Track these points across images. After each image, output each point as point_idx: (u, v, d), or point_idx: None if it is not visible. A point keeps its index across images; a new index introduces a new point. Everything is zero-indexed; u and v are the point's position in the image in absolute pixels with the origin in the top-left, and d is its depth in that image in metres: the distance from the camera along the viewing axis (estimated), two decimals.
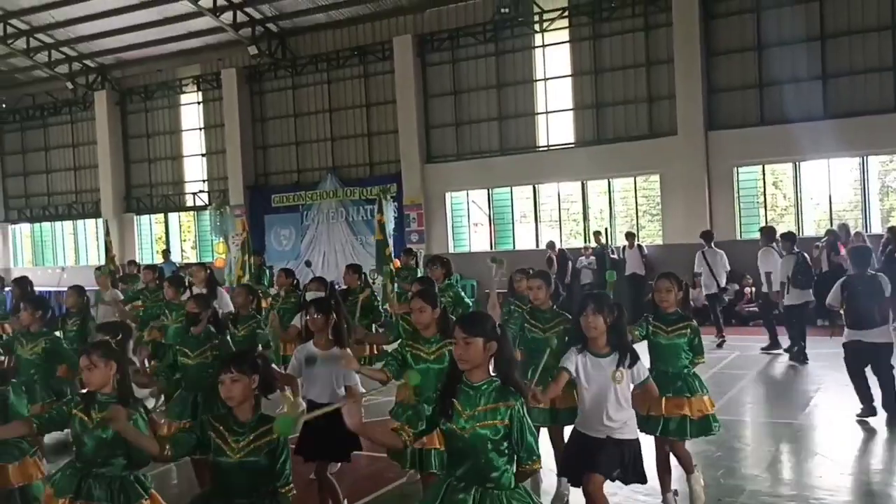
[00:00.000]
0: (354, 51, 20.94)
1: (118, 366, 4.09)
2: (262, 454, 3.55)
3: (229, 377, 3.61)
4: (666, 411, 5.17)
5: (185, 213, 24.68)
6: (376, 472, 6.50)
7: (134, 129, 25.04)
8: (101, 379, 4.05)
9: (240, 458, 3.54)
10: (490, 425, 3.32)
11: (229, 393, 3.61)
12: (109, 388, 4.06)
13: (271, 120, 22.56)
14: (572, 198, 19.04)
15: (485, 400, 3.37)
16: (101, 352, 4.10)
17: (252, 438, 3.57)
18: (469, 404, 3.37)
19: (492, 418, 3.33)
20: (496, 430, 3.32)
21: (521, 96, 19.11)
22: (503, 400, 3.36)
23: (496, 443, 3.33)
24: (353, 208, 21.03)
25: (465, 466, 3.37)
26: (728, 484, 6.14)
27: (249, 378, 3.63)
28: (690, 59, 16.72)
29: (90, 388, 4.09)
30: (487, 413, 3.34)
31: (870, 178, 16.08)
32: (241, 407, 3.64)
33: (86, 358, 4.07)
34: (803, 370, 11.05)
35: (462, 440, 3.36)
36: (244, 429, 3.60)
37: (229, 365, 3.66)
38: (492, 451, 3.33)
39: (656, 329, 5.37)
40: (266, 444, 3.56)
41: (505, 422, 3.33)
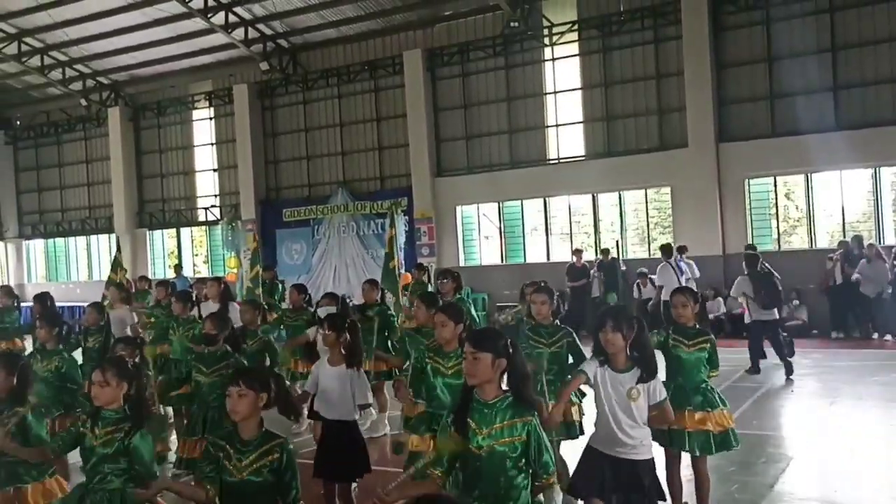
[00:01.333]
0: (365, 65, 21.05)
1: (130, 385, 4.10)
2: (267, 472, 3.51)
3: (237, 391, 3.58)
4: (689, 426, 5.14)
5: (198, 228, 24.81)
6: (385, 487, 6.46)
7: (147, 145, 25.23)
8: (111, 397, 4.07)
9: (243, 477, 3.50)
10: (508, 442, 3.29)
11: (235, 407, 3.58)
12: (117, 405, 4.08)
13: (282, 135, 22.68)
14: (583, 210, 19.02)
15: (501, 417, 3.33)
16: (116, 370, 4.11)
17: (256, 457, 3.53)
18: (485, 422, 3.34)
19: (509, 435, 3.30)
20: (514, 447, 3.29)
21: (531, 109, 19.14)
22: (519, 416, 3.33)
23: (515, 460, 3.30)
24: (364, 222, 21.07)
25: (483, 486, 3.32)
26: (742, 499, 6.09)
27: (257, 395, 3.59)
28: (700, 72, 16.71)
29: (98, 403, 4.10)
30: (505, 430, 3.31)
31: (883, 190, 15.99)
32: (245, 424, 3.60)
33: (100, 373, 4.09)
34: (817, 384, 10.95)
35: (479, 459, 3.31)
36: (248, 447, 3.56)
37: (238, 379, 3.63)
38: (511, 469, 3.29)
39: (676, 343, 5.35)
40: (270, 462, 3.52)
41: (522, 437, 3.30)
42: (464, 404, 3.43)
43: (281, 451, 3.56)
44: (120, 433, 3.99)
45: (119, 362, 4.30)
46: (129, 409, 4.08)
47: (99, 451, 3.98)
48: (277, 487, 3.55)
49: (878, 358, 12.39)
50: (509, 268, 18.83)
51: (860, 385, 10.46)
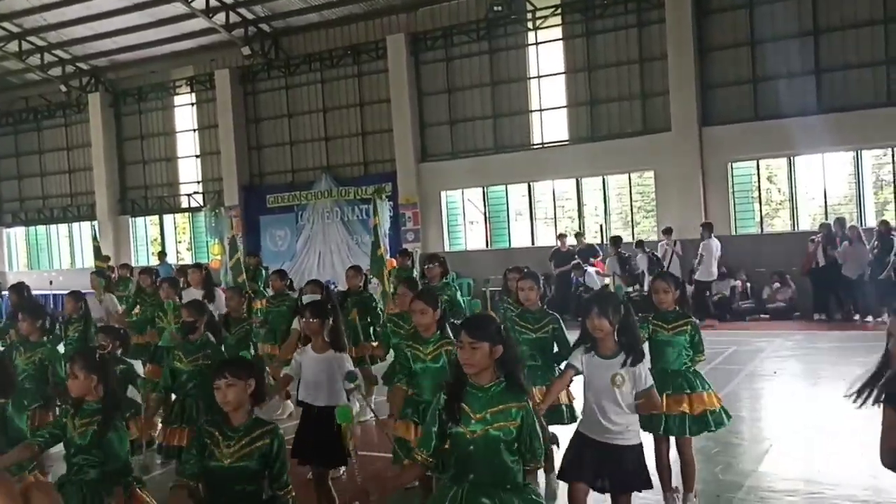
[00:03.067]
0: (348, 50, 20.92)
1: (99, 377, 4.11)
2: (254, 459, 3.51)
3: (224, 382, 3.57)
4: (666, 409, 5.17)
5: (181, 215, 24.64)
6: (375, 473, 6.49)
7: (128, 131, 24.99)
8: (81, 389, 4.10)
9: (230, 464, 3.50)
10: (503, 427, 3.31)
11: (225, 398, 3.57)
12: (93, 396, 4.10)
13: (265, 120, 22.53)
14: (567, 195, 19.05)
15: (495, 401, 3.35)
16: (82, 364, 4.13)
17: (245, 443, 3.53)
18: (479, 406, 3.35)
19: (504, 419, 3.32)
20: (509, 431, 3.31)
21: (515, 94, 19.11)
22: (514, 400, 3.35)
23: (509, 444, 3.32)
24: (348, 208, 21.01)
25: (478, 470, 3.33)
26: (726, 480, 6.16)
27: (245, 382, 3.59)
28: (684, 56, 16.73)
29: (72, 394, 4.15)
30: (499, 414, 3.33)
31: (864, 172, 16.12)
32: (235, 412, 3.60)
33: (69, 366, 4.16)
34: (800, 365, 11.07)
35: (473, 443, 3.32)
36: (236, 433, 3.55)
37: (224, 370, 3.62)
38: (505, 452, 3.31)
39: (657, 327, 5.38)
40: (258, 448, 3.52)
41: (517, 422, 3.32)
42: (457, 389, 3.44)
43: (271, 438, 3.56)
44: (94, 425, 4.01)
45: (86, 354, 4.31)
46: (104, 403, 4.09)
47: (76, 441, 4.01)
48: (265, 474, 3.55)
49: (859, 339, 12.52)
50: (494, 253, 18.86)
51: (842, 366, 10.56)
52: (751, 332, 13.78)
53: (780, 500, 5.76)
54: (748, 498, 5.78)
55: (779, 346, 12.30)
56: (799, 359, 11.46)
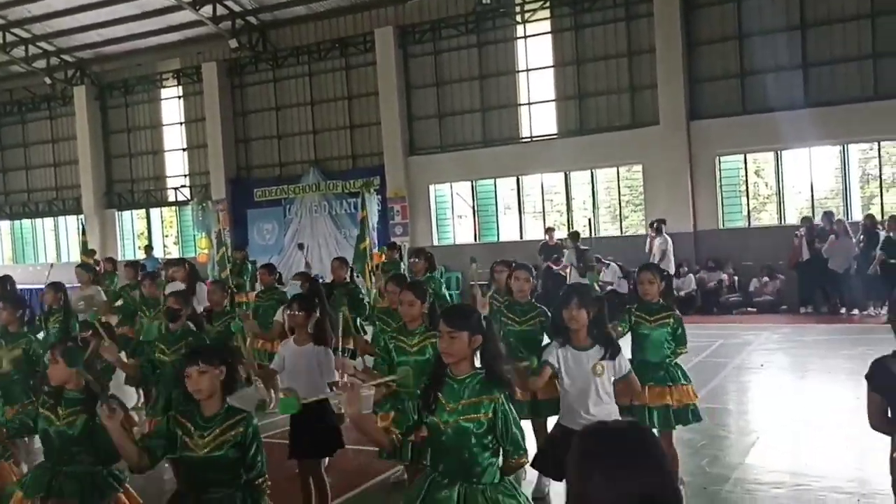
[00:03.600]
0: (336, 43, 20.82)
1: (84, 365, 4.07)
2: (229, 447, 3.47)
3: (196, 370, 3.52)
4: (649, 401, 5.17)
5: (168, 209, 24.52)
6: (362, 466, 6.48)
7: (114, 124, 24.82)
8: (63, 376, 4.04)
9: (205, 454, 3.46)
10: (473, 419, 3.28)
11: (197, 386, 3.52)
12: (74, 384, 4.04)
13: (253, 113, 22.42)
14: (556, 189, 19.05)
15: (468, 393, 3.33)
16: (62, 350, 4.08)
17: (218, 433, 3.49)
18: (453, 398, 3.33)
19: (475, 412, 3.29)
20: (479, 423, 3.28)
21: (503, 87, 19.08)
22: (487, 393, 3.32)
23: (480, 436, 3.29)
24: (336, 202, 20.95)
25: (448, 461, 3.33)
26: (713, 472, 6.17)
27: (217, 370, 3.54)
28: (672, 49, 16.74)
29: (52, 382, 4.08)
30: (471, 406, 3.30)
31: (850, 166, 16.19)
32: (208, 401, 3.55)
33: (49, 353, 4.09)
34: (787, 358, 11.11)
35: (445, 434, 3.32)
36: (210, 423, 3.51)
37: (196, 357, 3.57)
38: (476, 446, 3.29)
39: (639, 319, 5.37)
40: (233, 437, 3.48)
41: (489, 415, 3.29)
42: (436, 379, 3.42)
43: (245, 426, 3.52)
44: (84, 414, 3.95)
45: (68, 341, 4.28)
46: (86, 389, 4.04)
47: (63, 431, 3.95)
48: (241, 463, 3.51)
49: (845, 332, 12.60)
50: (483, 247, 18.82)
51: (829, 359, 10.63)
52: (738, 326, 13.83)
53: (766, 492, 5.77)
54: (735, 490, 5.79)
55: (766, 340, 12.36)
56: (786, 352, 11.51)
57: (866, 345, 11.15)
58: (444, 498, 3.27)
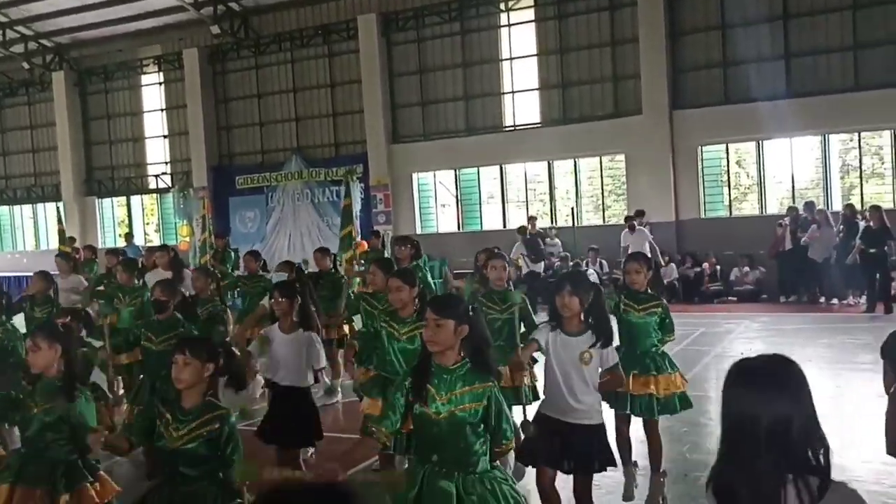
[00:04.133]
0: (318, 30, 20.68)
1: (64, 350, 4.00)
2: (201, 442, 3.44)
3: (182, 359, 3.50)
4: (633, 389, 5.17)
5: (148, 196, 24.31)
6: (344, 453, 6.48)
7: (94, 111, 24.54)
8: (45, 362, 3.97)
9: (178, 446, 3.44)
10: (468, 408, 3.28)
11: (179, 375, 3.50)
12: (54, 371, 3.98)
13: (234, 100, 22.25)
14: (539, 178, 19.06)
15: (461, 382, 3.31)
16: (46, 334, 4.02)
17: (194, 426, 3.46)
18: (445, 388, 3.31)
19: (470, 401, 3.29)
20: (474, 412, 3.28)
21: (487, 76, 19.04)
22: (480, 381, 3.31)
23: (474, 426, 3.29)
24: (319, 190, 20.86)
25: (442, 452, 3.30)
26: (694, 459, 6.21)
27: (203, 365, 3.51)
28: (655, 39, 16.77)
29: (34, 369, 4.02)
30: (466, 396, 3.29)
31: (831, 157, 16.31)
32: (188, 392, 3.53)
33: (31, 340, 4.02)
34: (767, 347, 11.20)
35: (438, 425, 3.29)
36: (187, 416, 3.49)
37: (184, 347, 3.55)
38: (471, 435, 3.28)
39: (628, 307, 5.36)
40: (207, 432, 3.45)
41: (483, 403, 3.29)
42: (422, 370, 3.40)
43: (221, 423, 3.48)
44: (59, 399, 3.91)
45: (50, 326, 4.21)
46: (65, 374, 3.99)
47: (40, 418, 3.90)
48: (215, 459, 3.48)
49: (825, 321, 12.73)
50: (466, 235, 18.83)
51: (808, 347, 10.73)
52: (719, 315, 13.93)
53: None
54: None
55: (746, 328, 12.46)
56: (765, 340, 11.60)
57: (845, 334, 11.30)
58: (444, 489, 3.24)
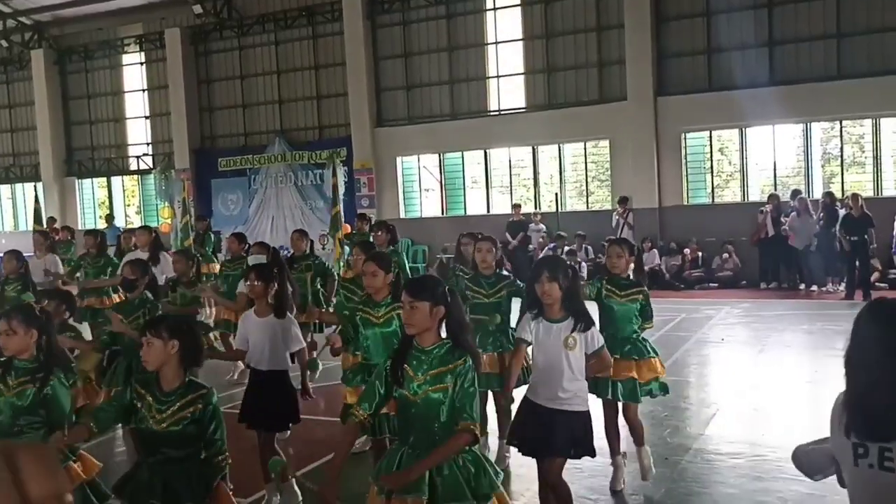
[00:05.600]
0: (303, 11, 20.50)
1: (40, 333, 3.94)
2: (186, 424, 3.42)
3: (145, 340, 3.50)
4: (615, 374, 5.19)
5: (129, 177, 24.10)
6: (327, 437, 6.48)
7: (74, 90, 24.24)
8: (19, 345, 3.90)
9: (163, 429, 3.42)
10: (442, 388, 3.27)
11: (145, 356, 3.51)
12: (28, 354, 3.91)
13: (217, 81, 22.05)
14: (523, 163, 19.06)
15: (437, 363, 3.32)
16: (22, 317, 3.93)
17: (177, 408, 3.43)
18: (420, 369, 3.32)
19: (442, 381, 3.28)
20: (447, 392, 3.27)
21: (472, 60, 18.97)
22: (452, 361, 3.31)
23: (448, 407, 3.28)
24: (302, 172, 20.75)
25: (417, 433, 3.32)
26: (674, 443, 6.28)
27: (166, 343, 3.47)
28: (640, 25, 16.75)
29: (7, 353, 3.94)
30: (438, 376, 3.29)
31: (813, 144, 16.42)
32: (164, 373, 3.50)
33: (5, 322, 3.90)
34: (747, 333, 11.30)
35: (415, 406, 3.30)
36: (169, 398, 3.46)
37: (145, 328, 3.56)
38: (445, 415, 3.27)
39: (609, 293, 5.36)
40: (191, 413, 3.43)
41: (456, 381, 3.28)
42: (402, 351, 3.41)
43: (204, 403, 3.47)
44: (35, 383, 3.84)
45: (24, 308, 4.12)
46: (41, 357, 3.92)
47: (12, 402, 3.82)
48: (199, 439, 3.47)
49: (804, 307, 12.86)
50: (450, 220, 18.81)
51: (787, 333, 10.85)
52: (700, 301, 14.03)
53: (724, 462, 5.89)
54: (695, 460, 5.90)
55: (726, 314, 12.56)
56: (745, 326, 11.71)
57: (824, 320, 11.42)
58: None
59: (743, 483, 5.49)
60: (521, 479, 5.45)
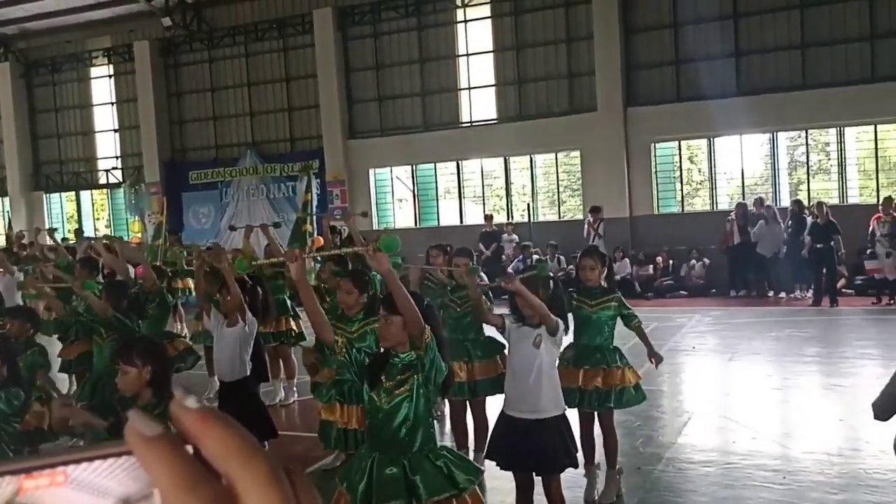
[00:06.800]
0: (273, 24, 20.46)
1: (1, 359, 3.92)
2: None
3: (120, 368, 3.47)
4: (583, 383, 5.24)
5: (98, 191, 23.83)
6: (301, 452, 6.45)
7: (41, 103, 23.96)
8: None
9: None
10: (406, 392, 3.33)
11: (121, 385, 3.48)
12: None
13: (187, 94, 21.91)
14: (495, 174, 19.15)
15: (405, 369, 3.38)
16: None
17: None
18: (391, 375, 3.39)
19: (405, 384, 3.35)
20: (409, 394, 3.34)
21: (443, 72, 19.04)
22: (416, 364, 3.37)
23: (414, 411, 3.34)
24: (275, 185, 20.65)
25: (385, 438, 3.37)
26: (647, 452, 6.33)
27: (140, 370, 3.43)
28: (609, 36, 16.94)
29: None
30: (404, 380, 3.35)
31: (779, 153, 16.68)
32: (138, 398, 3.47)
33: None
34: (717, 340, 11.43)
35: (381, 411, 3.36)
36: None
37: (118, 357, 3.50)
38: (410, 420, 3.33)
39: (580, 303, 5.41)
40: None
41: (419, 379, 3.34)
42: (380, 359, 3.47)
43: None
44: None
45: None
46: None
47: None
48: None
49: (773, 315, 13.03)
50: (423, 231, 18.82)
51: (757, 341, 10.98)
52: (671, 309, 14.15)
53: (696, 470, 5.95)
54: (667, 469, 5.95)
55: (697, 322, 12.69)
56: (716, 334, 11.84)
57: (792, 327, 11.59)
58: (392, 476, 3.29)
59: (715, 491, 5.55)
60: (495, 492, 5.46)
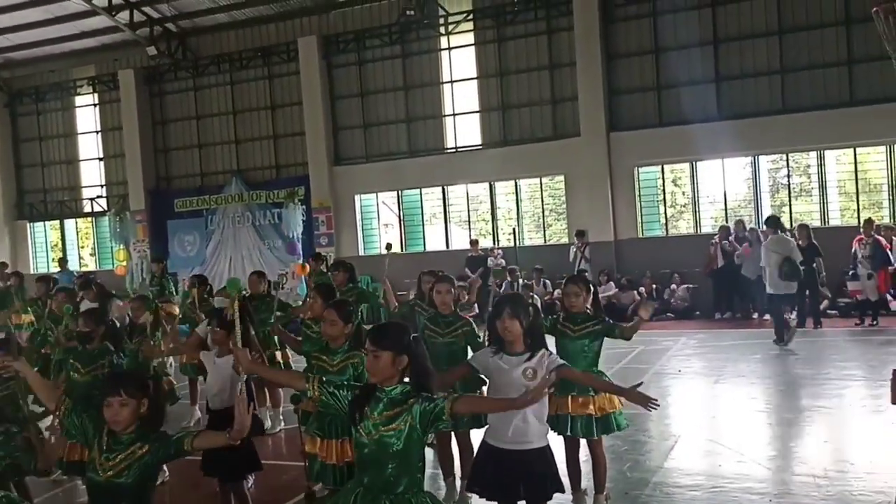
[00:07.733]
0: (258, 52, 20.57)
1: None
2: (131, 473, 3.33)
3: (118, 400, 3.38)
4: (572, 410, 5.25)
5: (83, 220, 23.73)
6: (287, 482, 6.42)
7: (25, 132, 23.90)
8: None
9: (107, 478, 3.33)
10: (394, 429, 3.29)
11: (116, 417, 3.38)
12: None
13: (172, 122, 21.93)
14: (480, 199, 19.24)
15: (391, 404, 3.34)
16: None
17: (123, 457, 3.35)
18: (377, 409, 3.35)
19: (394, 422, 3.30)
20: (399, 433, 3.28)
21: (428, 98, 19.18)
22: (407, 401, 3.33)
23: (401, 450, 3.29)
24: (260, 212, 20.64)
25: (371, 475, 3.33)
26: (634, 477, 6.33)
27: (138, 402, 3.41)
28: (591, 62, 17.14)
29: None
30: (392, 417, 3.30)
31: (761, 176, 16.87)
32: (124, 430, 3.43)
33: None
34: (702, 363, 11.46)
35: (368, 446, 3.32)
36: (119, 446, 3.38)
37: (118, 387, 3.42)
38: (398, 458, 3.29)
39: (564, 328, 5.41)
40: (137, 461, 3.34)
41: (409, 420, 3.29)
42: (366, 392, 3.43)
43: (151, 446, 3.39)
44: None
45: None
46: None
47: None
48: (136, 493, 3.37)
49: (758, 337, 13.08)
50: (409, 256, 18.83)
51: (742, 363, 11.03)
52: (657, 332, 14.17)
53: (683, 494, 5.96)
54: (655, 494, 5.95)
55: (683, 345, 12.74)
56: (701, 357, 11.88)
57: (777, 349, 11.64)
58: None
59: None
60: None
